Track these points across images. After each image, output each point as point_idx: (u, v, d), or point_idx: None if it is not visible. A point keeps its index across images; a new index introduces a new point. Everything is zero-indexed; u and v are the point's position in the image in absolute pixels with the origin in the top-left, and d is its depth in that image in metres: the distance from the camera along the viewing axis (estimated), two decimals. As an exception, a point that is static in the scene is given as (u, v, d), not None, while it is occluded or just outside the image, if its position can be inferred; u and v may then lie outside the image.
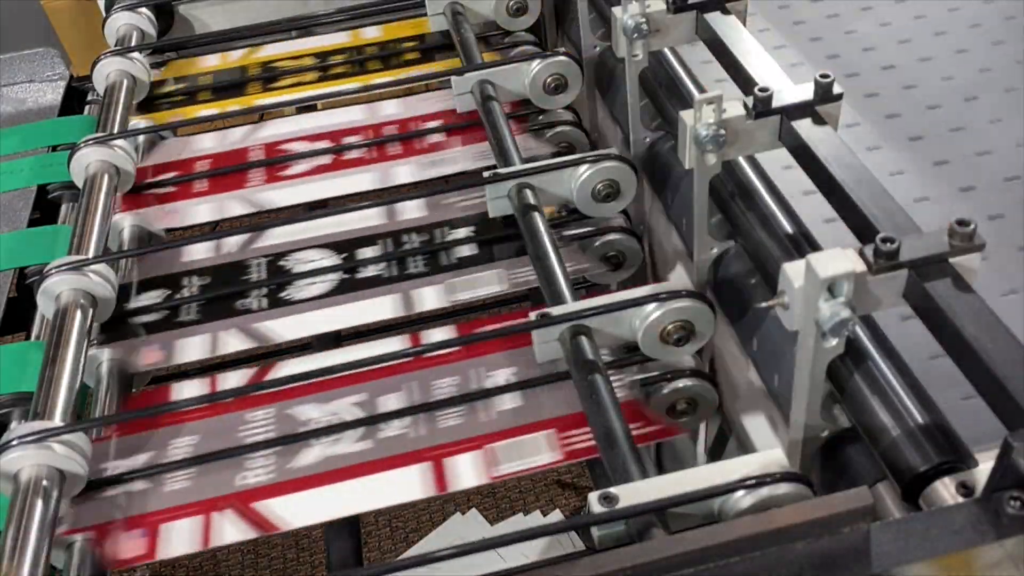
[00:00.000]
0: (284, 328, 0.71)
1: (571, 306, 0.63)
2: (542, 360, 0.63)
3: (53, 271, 0.69)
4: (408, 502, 0.58)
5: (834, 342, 0.48)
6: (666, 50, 0.80)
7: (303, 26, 1.04)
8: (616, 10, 0.71)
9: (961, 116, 0.90)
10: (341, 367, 0.63)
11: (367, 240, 0.77)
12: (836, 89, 0.60)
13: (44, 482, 0.56)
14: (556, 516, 1.56)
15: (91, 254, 0.73)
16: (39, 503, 0.55)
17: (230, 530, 0.57)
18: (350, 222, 0.78)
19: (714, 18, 0.70)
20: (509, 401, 0.63)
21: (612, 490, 0.49)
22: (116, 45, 0.99)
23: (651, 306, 0.61)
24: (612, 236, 0.75)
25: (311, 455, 0.61)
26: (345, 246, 0.77)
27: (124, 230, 0.82)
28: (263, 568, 1.57)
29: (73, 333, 0.66)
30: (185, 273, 0.76)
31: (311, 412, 0.64)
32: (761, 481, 0.48)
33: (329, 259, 0.76)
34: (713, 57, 0.70)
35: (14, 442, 0.57)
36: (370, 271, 0.75)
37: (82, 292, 0.69)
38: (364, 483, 0.59)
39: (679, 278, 0.74)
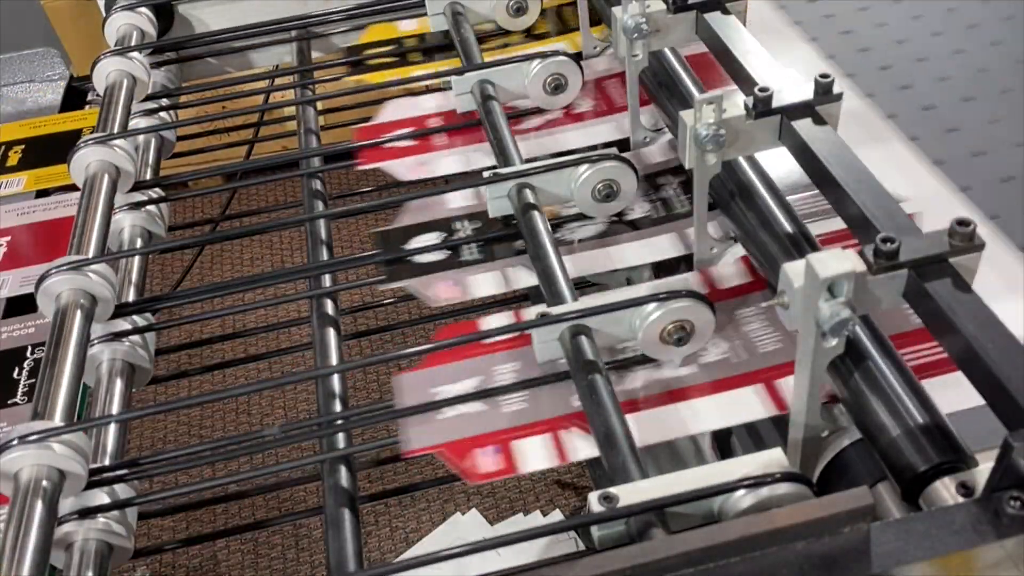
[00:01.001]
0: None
1: (571, 306, 0.63)
2: (541, 360, 0.63)
3: (53, 271, 0.69)
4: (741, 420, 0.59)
5: (834, 342, 0.48)
6: (666, 50, 0.80)
7: (303, 26, 1.04)
8: (616, 10, 0.71)
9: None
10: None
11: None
12: (836, 89, 0.60)
13: (44, 482, 0.56)
14: (556, 516, 1.56)
15: (91, 254, 0.73)
16: (39, 503, 0.55)
17: (582, 445, 0.58)
18: None
19: (714, 18, 0.71)
20: None
21: (612, 490, 0.49)
22: (116, 45, 0.99)
23: (651, 306, 0.61)
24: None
25: (638, 379, 0.62)
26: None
27: (124, 230, 0.82)
28: (263, 568, 1.57)
29: (73, 333, 0.66)
30: (456, 218, 0.79)
31: None
32: (761, 481, 0.48)
33: None
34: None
35: (14, 442, 0.57)
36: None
37: (82, 292, 0.69)
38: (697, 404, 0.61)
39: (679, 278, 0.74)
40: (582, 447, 0.59)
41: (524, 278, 0.73)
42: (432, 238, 0.77)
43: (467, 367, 0.64)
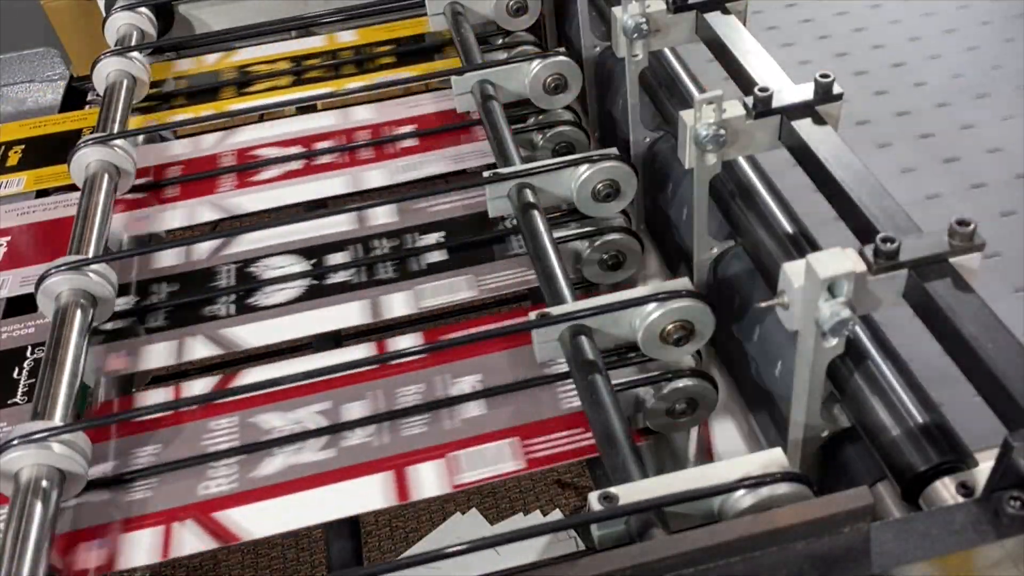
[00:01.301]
0: (251, 335, 0.71)
1: (571, 306, 0.63)
2: (541, 360, 0.63)
3: (53, 271, 0.69)
4: (370, 511, 0.58)
5: (834, 342, 0.48)
6: (666, 50, 0.80)
7: (303, 26, 1.04)
8: (616, 10, 0.71)
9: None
10: (303, 375, 0.63)
11: (336, 246, 0.77)
12: (836, 89, 0.60)
13: (44, 482, 0.56)
14: (556, 516, 1.56)
15: (91, 254, 0.73)
16: (39, 503, 0.55)
17: (190, 540, 0.57)
18: (320, 228, 0.79)
19: (714, 18, 0.70)
20: (474, 409, 0.63)
21: (612, 489, 0.49)
22: (116, 45, 0.99)
23: (651, 306, 0.61)
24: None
25: (273, 465, 0.60)
26: (314, 252, 0.77)
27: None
28: (263, 568, 1.57)
29: (73, 333, 0.66)
30: (155, 280, 0.76)
31: (274, 421, 0.63)
32: (761, 481, 0.48)
33: (298, 265, 0.76)
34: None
35: (14, 442, 0.57)
36: (339, 277, 0.75)
37: (82, 292, 0.69)
38: (325, 492, 0.59)
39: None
40: (190, 542, 0.57)
41: (202, 349, 0.70)
42: (124, 302, 0.74)
43: (108, 448, 0.63)
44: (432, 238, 0.77)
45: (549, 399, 0.63)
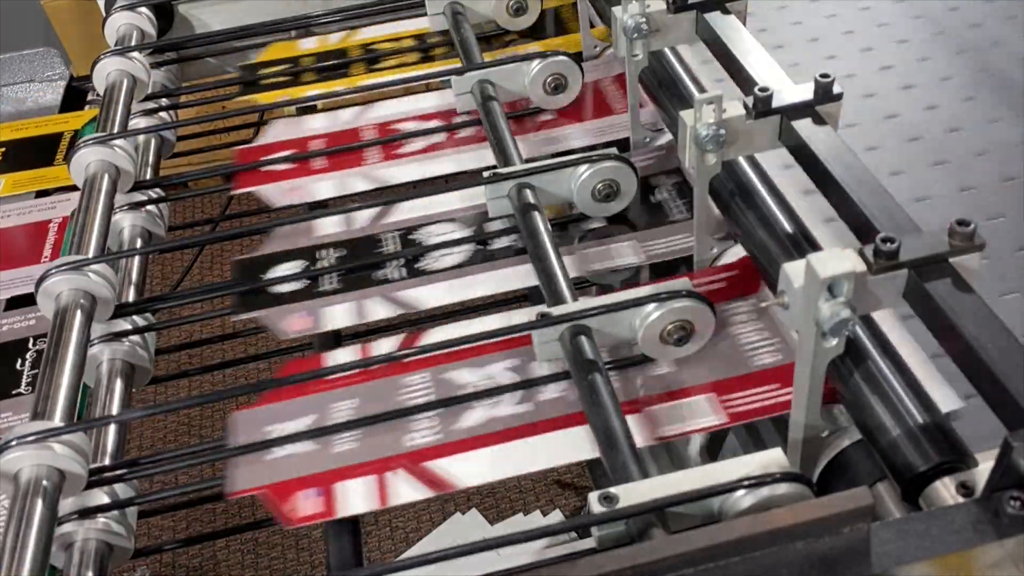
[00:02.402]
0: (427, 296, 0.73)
1: (571, 306, 0.63)
2: (542, 360, 0.63)
3: (53, 271, 0.69)
4: (576, 462, 0.59)
5: (834, 342, 0.48)
6: (666, 50, 0.80)
7: (303, 25, 1.04)
8: (616, 10, 0.71)
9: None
10: (490, 334, 0.64)
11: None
12: (836, 89, 0.60)
13: (44, 482, 0.56)
14: (556, 516, 1.56)
15: (91, 254, 0.73)
16: (39, 503, 0.55)
17: (405, 489, 0.58)
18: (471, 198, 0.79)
19: (714, 18, 0.70)
20: (664, 367, 0.63)
21: (612, 490, 0.49)
22: (116, 45, 0.99)
23: (651, 306, 0.61)
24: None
25: (472, 417, 0.62)
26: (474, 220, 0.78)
27: (124, 230, 0.82)
28: (263, 568, 1.57)
29: (73, 333, 0.66)
30: (321, 246, 0.78)
31: (467, 376, 0.65)
32: (761, 481, 0.48)
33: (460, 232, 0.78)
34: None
35: (14, 442, 0.57)
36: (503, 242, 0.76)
37: (82, 292, 0.69)
38: (530, 443, 0.60)
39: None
40: (405, 491, 0.58)
41: (381, 310, 0.72)
42: (294, 267, 0.76)
43: (304, 404, 0.64)
44: None
45: (741, 357, 0.63)
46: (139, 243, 0.82)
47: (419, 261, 0.75)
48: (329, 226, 0.79)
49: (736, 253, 0.71)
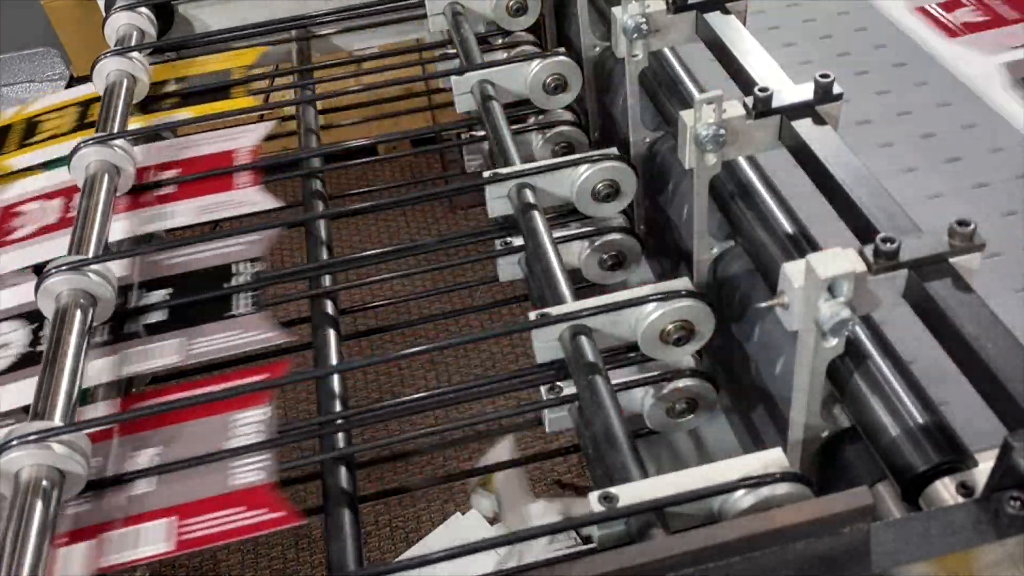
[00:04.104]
0: None
1: (571, 306, 0.63)
2: (542, 360, 0.63)
3: (53, 271, 0.69)
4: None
5: (834, 342, 0.48)
6: (666, 50, 0.80)
7: (303, 25, 1.04)
8: (616, 10, 0.71)
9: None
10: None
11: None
12: (836, 89, 0.60)
13: (44, 482, 0.56)
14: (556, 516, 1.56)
15: (91, 254, 0.73)
16: (39, 503, 0.55)
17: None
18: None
19: (714, 18, 0.70)
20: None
21: (612, 490, 0.49)
22: (116, 45, 0.99)
23: (651, 306, 0.61)
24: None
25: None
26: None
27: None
28: (263, 568, 1.57)
29: (73, 333, 0.66)
30: None
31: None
32: (761, 481, 0.48)
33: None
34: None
35: (14, 442, 0.57)
36: None
37: (82, 292, 0.69)
38: None
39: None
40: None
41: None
42: None
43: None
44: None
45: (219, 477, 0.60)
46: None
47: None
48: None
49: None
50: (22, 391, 0.68)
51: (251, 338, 0.69)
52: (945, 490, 0.48)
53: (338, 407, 0.66)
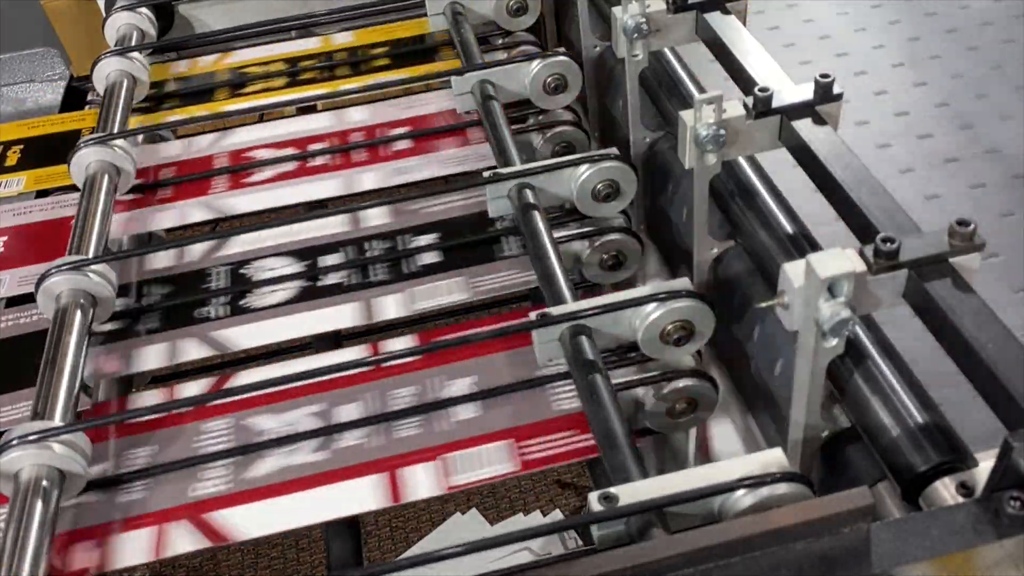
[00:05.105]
0: (245, 336, 0.71)
1: (571, 306, 0.63)
2: (542, 361, 0.63)
3: (53, 271, 0.69)
4: (364, 512, 0.57)
5: (834, 342, 0.48)
6: (666, 50, 0.80)
7: (303, 25, 1.03)
8: (616, 10, 0.71)
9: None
10: (296, 376, 0.63)
11: (330, 248, 0.77)
12: (836, 89, 0.60)
13: (44, 482, 0.56)
14: (556, 516, 1.56)
15: (91, 254, 0.73)
16: (39, 503, 0.55)
17: (183, 540, 0.57)
18: (314, 229, 0.78)
19: (714, 18, 0.70)
20: (466, 412, 0.62)
21: (612, 490, 0.49)
22: (116, 45, 0.99)
23: (651, 306, 0.61)
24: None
25: (266, 466, 0.60)
26: (308, 254, 0.77)
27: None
28: (263, 568, 1.57)
29: (73, 333, 0.66)
30: (147, 281, 0.76)
31: (268, 423, 0.63)
32: (761, 481, 0.48)
33: (292, 267, 0.76)
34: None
35: (14, 442, 0.57)
36: (334, 278, 0.74)
37: (82, 292, 0.69)
38: (319, 493, 0.59)
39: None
40: (182, 544, 0.57)
41: (194, 352, 0.69)
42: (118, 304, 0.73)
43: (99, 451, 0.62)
44: (425, 239, 0.77)
45: (543, 401, 0.62)
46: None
47: (244, 298, 0.73)
48: (162, 259, 0.78)
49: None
50: (304, 323, 0.71)
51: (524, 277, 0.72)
52: (945, 490, 0.48)
53: (338, 407, 0.66)
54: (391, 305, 0.72)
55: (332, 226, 0.79)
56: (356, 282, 0.74)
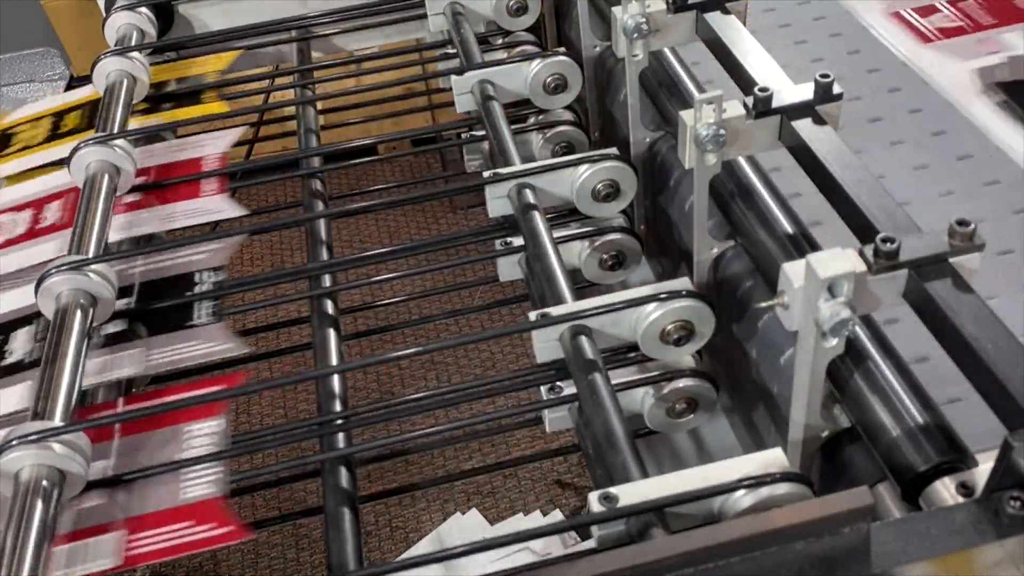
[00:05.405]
0: None
1: (571, 306, 0.63)
2: (542, 360, 0.63)
3: (53, 271, 0.69)
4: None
5: (834, 342, 0.48)
6: (666, 50, 0.80)
7: (303, 26, 1.04)
8: (616, 10, 0.71)
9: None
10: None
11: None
12: (836, 89, 0.60)
13: (44, 482, 0.56)
14: (556, 516, 1.56)
15: (91, 254, 0.73)
16: (39, 503, 0.55)
17: None
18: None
19: (714, 18, 0.70)
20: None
21: (612, 490, 0.49)
22: (116, 45, 0.99)
23: (651, 306, 0.61)
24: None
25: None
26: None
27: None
28: (263, 568, 1.57)
29: (73, 333, 0.66)
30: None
31: None
32: (761, 481, 0.48)
33: None
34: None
35: (14, 442, 0.57)
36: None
37: (82, 292, 0.69)
38: None
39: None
40: None
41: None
42: None
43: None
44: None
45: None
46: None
47: None
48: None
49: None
50: None
51: (209, 349, 0.69)
52: (945, 490, 0.48)
53: (338, 407, 0.66)
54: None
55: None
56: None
